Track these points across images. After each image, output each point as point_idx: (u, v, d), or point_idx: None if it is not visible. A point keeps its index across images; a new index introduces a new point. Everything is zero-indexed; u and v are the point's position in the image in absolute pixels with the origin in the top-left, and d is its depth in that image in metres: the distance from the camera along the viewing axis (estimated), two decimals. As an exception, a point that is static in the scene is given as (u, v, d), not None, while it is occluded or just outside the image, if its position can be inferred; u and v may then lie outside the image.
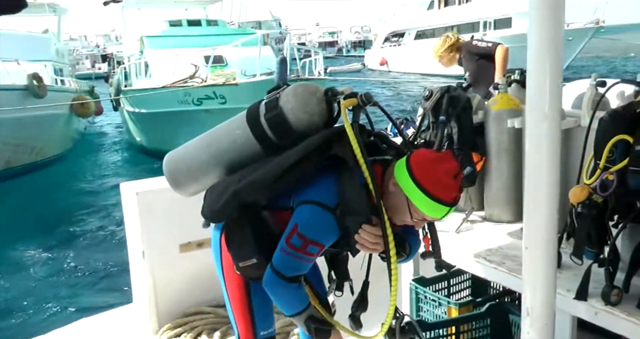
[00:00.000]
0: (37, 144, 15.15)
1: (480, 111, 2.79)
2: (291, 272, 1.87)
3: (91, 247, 9.61)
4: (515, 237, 2.53)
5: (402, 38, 47.12)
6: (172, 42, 17.02)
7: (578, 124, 2.38)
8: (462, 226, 2.72)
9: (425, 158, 1.83)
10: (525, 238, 1.76)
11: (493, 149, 2.72)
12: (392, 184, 1.85)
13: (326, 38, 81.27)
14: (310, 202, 1.87)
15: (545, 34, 1.62)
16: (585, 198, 1.93)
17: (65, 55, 23.92)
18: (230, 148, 2.03)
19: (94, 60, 58.37)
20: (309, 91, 1.97)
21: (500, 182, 2.73)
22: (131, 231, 3.29)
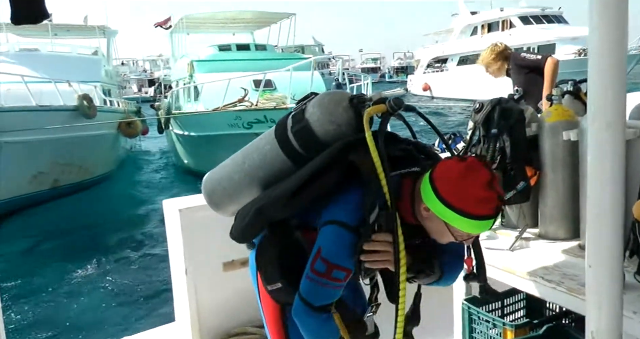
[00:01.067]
0: (85, 164, 15.43)
1: (533, 123, 2.69)
2: (319, 300, 1.76)
3: (136, 265, 9.71)
4: (572, 255, 2.43)
5: (445, 64, 47.27)
6: (221, 66, 17.29)
7: (638, 135, 2.24)
8: (516, 243, 2.62)
9: (449, 174, 1.66)
10: (588, 256, 1.66)
11: (548, 163, 2.62)
12: (423, 210, 1.71)
13: (369, 64, 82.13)
14: (332, 222, 1.75)
15: (608, 39, 1.55)
16: None
17: (114, 76, 24.64)
18: (261, 165, 1.96)
19: (140, 84, 60.16)
20: (334, 100, 1.87)
21: (555, 197, 2.62)
22: (174, 249, 3.27)
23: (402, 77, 68.18)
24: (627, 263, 1.97)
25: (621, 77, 1.57)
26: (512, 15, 39.58)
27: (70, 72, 16.81)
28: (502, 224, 2.86)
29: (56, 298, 8.49)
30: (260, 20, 23.17)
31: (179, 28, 21.95)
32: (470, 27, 44.26)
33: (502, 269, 2.47)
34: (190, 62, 18.73)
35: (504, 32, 39.50)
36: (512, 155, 2.57)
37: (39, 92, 13.31)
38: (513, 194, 2.57)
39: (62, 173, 14.57)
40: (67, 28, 23.92)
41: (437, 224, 1.70)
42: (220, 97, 14.27)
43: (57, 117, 13.29)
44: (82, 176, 15.47)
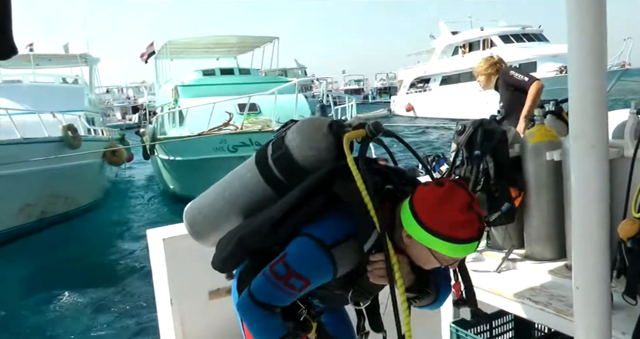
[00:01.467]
0: (71, 194, 15.32)
1: (516, 144, 2.71)
2: (264, 298, 1.74)
3: (121, 295, 9.58)
4: (560, 275, 2.42)
5: (427, 84, 47.74)
6: (205, 90, 17.29)
7: (621, 155, 2.26)
8: (502, 265, 2.61)
9: (427, 199, 1.65)
10: (575, 278, 1.66)
11: (532, 184, 2.62)
12: (405, 237, 1.70)
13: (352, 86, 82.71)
14: (306, 235, 1.74)
15: (588, 59, 1.56)
16: (636, 233, 1.83)
17: (97, 104, 24.57)
18: (243, 193, 1.95)
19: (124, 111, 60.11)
20: (314, 126, 1.86)
21: (540, 218, 2.62)
22: (158, 278, 3.23)
23: (385, 97, 68.66)
24: (615, 283, 1.96)
25: (602, 97, 1.58)
26: (492, 34, 40.13)
27: (54, 102, 16.76)
28: (488, 245, 2.85)
29: (40, 328, 8.37)
30: (244, 45, 23.27)
31: (163, 54, 21.96)
32: (451, 47, 44.80)
33: (490, 291, 2.46)
34: (175, 87, 18.74)
35: (485, 51, 39.94)
36: (495, 176, 2.57)
37: (23, 124, 13.23)
38: (498, 215, 2.57)
39: (49, 204, 14.45)
40: (48, 57, 23.89)
41: (420, 251, 1.69)
42: (205, 122, 14.26)
43: (43, 149, 13.20)
44: (69, 206, 15.35)
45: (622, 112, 2.52)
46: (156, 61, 23.38)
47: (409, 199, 1.69)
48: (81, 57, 23.72)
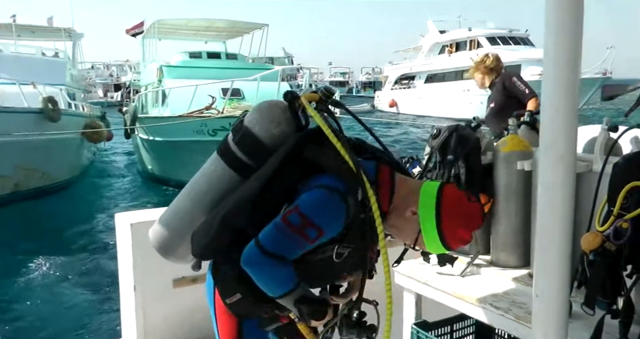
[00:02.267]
0: (47, 169, 15.15)
1: (489, 151, 2.74)
2: (276, 249, 1.68)
3: (86, 277, 9.48)
4: (522, 283, 2.46)
5: (412, 81, 47.88)
6: (190, 73, 17.25)
7: (590, 169, 2.33)
8: (467, 269, 2.64)
9: (458, 210, 1.77)
10: (536, 286, 1.68)
11: (501, 191, 2.65)
12: (410, 212, 1.77)
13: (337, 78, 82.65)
14: (318, 186, 1.72)
15: (561, 73, 1.58)
16: (598, 246, 1.85)
17: (79, 80, 24.31)
18: (209, 188, 1.93)
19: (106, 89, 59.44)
20: (271, 103, 1.91)
21: (508, 225, 2.65)
22: (123, 264, 3.20)
23: (369, 92, 68.90)
24: (575, 294, 2.01)
25: (573, 110, 1.59)
26: (479, 35, 40.41)
27: (35, 74, 16.48)
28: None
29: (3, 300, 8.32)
30: (233, 30, 23.13)
31: (151, 33, 21.75)
32: (438, 45, 45.03)
33: (452, 294, 2.49)
34: (160, 67, 18.66)
35: (471, 51, 40.20)
36: (466, 182, 2.59)
37: (1, 93, 13.03)
38: (466, 220, 2.59)
39: (25, 177, 14.29)
40: (31, 29, 23.57)
41: (410, 227, 1.78)
42: (187, 104, 14.24)
43: (21, 120, 13.04)
44: (45, 181, 15.17)
45: (595, 127, 2.57)
46: (143, 40, 23.17)
47: (438, 189, 1.78)
48: (65, 31, 23.43)
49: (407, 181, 1.86)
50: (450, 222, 1.74)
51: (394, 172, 1.84)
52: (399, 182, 1.82)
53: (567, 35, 1.55)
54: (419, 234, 1.77)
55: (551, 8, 1.57)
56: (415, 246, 1.82)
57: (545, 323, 1.67)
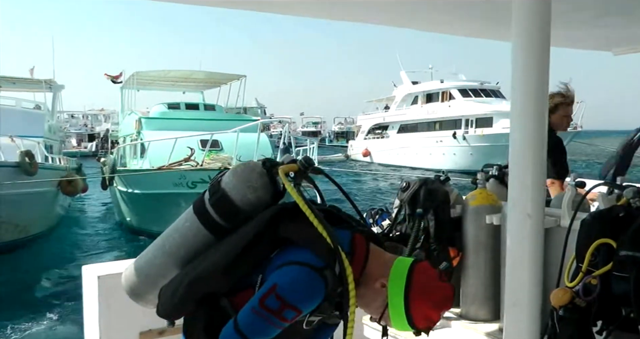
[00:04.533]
0: (22, 222, 14.95)
1: (458, 205, 2.78)
2: (257, 335, 1.67)
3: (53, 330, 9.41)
4: (492, 337, 2.47)
5: (385, 131, 48.25)
6: (169, 124, 17.37)
7: (558, 224, 2.33)
8: (436, 323, 2.69)
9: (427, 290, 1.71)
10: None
11: (470, 245, 2.70)
12: (379, 284, 1.74)
13: (309, 128, 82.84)
14: (295, 263, 1.69)
15: (528, 131, 1.67)
16: (568, 302, 1.86)
17: (57, 131, 24.16)
18: (183, 243, 1.92)
19: (80, 138, 58.82)
20: (248, 167, 1.89)
21: (477, 278, 2.68)
22: (89, 315, 3.14)
23: (342, 142, 68.94)
24: None
25: (541, 168, 1.69)
26: (451, 87, 41.04)
27: (14, 126, 16.45)
28: (423, 303, 2.91)
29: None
30: (211, 81, 23.39)
31: (130, 84, 21.88)
32: (411, 96, 45.48)
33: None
34: (139, 119, 18.70)
35: (443, 103, 40.85)
36: (435, 235, 2.63)
37: None
38: (435, 274, 2.65)
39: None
40: (12, 81, 23.50)
41: (378, 300, 1.74)
42: (166, 156, 14.21)
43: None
44: (19, 234, 14.94)
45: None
46: (122, 90, 23.27)
47: (411, 266, 1.75)
48: (46, 82, 23.40)
49: (380, 252, 1.84)
50: (419, 301, 1.68)
51: (368, 242, 1.82)
52: (373, 253, 1.80)
53: (534, 89, 1.66)
54: (386, 308, 1.73)
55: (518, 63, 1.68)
56: (380, 320, 1.78)
57: (516, 378, 1.69)
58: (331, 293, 1.70)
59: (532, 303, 1.72)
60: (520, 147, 1.70)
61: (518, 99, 1.69)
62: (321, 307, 1.73)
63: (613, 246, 1.85)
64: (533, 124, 1.67)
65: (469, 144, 36.70)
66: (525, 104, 1.68)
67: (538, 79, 1.68)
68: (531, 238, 1.72)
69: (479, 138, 35.91)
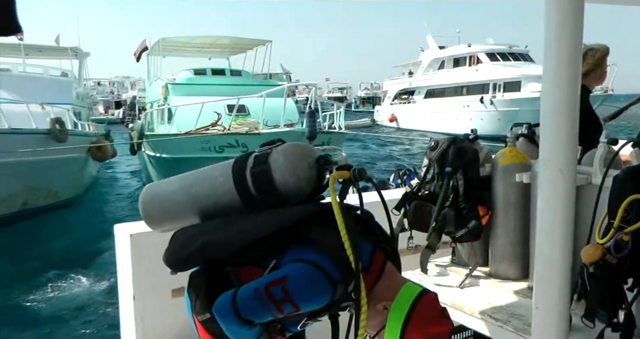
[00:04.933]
0: (53, 187, 15.22)
1: (487, 164, 2.75)
2: (250, 315, 1.68)
3: (87, 289, 9.63)
4: (521, 295, 2.47)
5: (412, 96, 47.90)
6: (196, 89, 17.44)
7: (589, 182, 2.33)
8: (465, 281, 2.66)
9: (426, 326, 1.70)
10: (535, 298, 1.71)
11: (500, 204, 2.66)
12: (382, 306, 1.74)
13: (335, 93, 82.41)
14: (313, 263, 1.68)
15: (561, 87, 1.60)
16: (599, 258, 1.83)
17: (85, 98, 24.39)
18: (209, 195, 1.91)
19: (107, 106, 59.49)
20: (301, 154, 1.85)
21: (506, 237, 2.65)
22: (123, 274, 3.16)
23: (368, 107, 68.81)
24: (575, 306, 1.98)
25: (574, 124, 1.61)
26: (479, 51, 40.42)
27: (43, 93, 16.69)
28: (452, 261, 2.89)
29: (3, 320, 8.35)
30: (237, 46, 23.28)
31: (155, 50, 21.96)
32: (438, 60, 45.08)
33: (451, 305, 2.49)
34: (165, 85, 18.82)
35: (470, 67, 40.28)
36: (465, 194, 2.60)
37: (10, 113, 13.09)
38: (464, 232, 2.60)
39: (31, 196, 14.35)
40: (39, 49, 23.76)
41: (378, 319, 1.74)
42: (193, 121, 14.32)
43: (29, 141, 13.09)
44: (51, 200, 15.23)
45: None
46: (148, 58, 23.34)
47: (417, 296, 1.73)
48: (72, 50, 23.60)
49: (393, 274, 1.82)
50: (415, 333, 1.68)
51: (385, 261, 1.81)
52: (386, 274, 1.79)
53: (567, 49, 1.58)
54: (383, 329, 1.72)
55: (551, 24, 1.60)
56: (375, 337, 1.78)
57: (545, 335, 1.68)
58: (334, 304, 1.71)
59: (562, 261, 1.66)
60: (552, 104, 1.62)
61: (551, 54, 1.60)
62: (318, 313, 1.75)
63: None
64: (566, 81, 1.60)
65: (496, 109, 36.22)
66: (559, 58, 1.59)
67: (571, 35, 1.59)
68: (563, 195, 1.63)
69: (507, 102, 35.38)
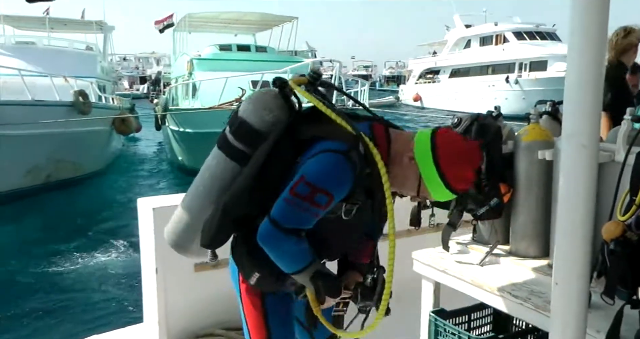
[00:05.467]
0: (78, 160, 15.39)
1: (510, 141, 2.72)
2: (291, 223, 1.72)
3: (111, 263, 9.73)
4: (541, 273, 2.45)
5: (437, 75, 47.48)
6: (221, 65, 17.38)
7: (612, 159, 2.29)
8: (486, 259, 2.64)
9: (455, 148, 1.78)
10: (555, 274, 1.69)
11: (522, 181, 2.63)
12: (407, 158, 1.79)
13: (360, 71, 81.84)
14: (318, 152, 1.75)
15: (586, 59, 1.57)
16: (619, 235, 1.81)
17: (109, 73, 24.53)
18: (213, 182, 1.97)
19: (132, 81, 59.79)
20: (262, 92, 1.99)
21: (528, 215, 2.63)
22: (146, 248, 3.22)
23: (393, 86, 68.19)
24: (595, 283, 1.95)
25: (597, 99, 1.59)
26: (505, 30, 39.79)
27: (67, 66, 16.79)
28: (473, 239, 2.87)
29: (27, 290, 8.48)
30: (263, 23, 23.17)
31: (182, 26, 21.94)
32: (464, 40, 44.46)
33: (471, 283, 2.49)
34: (190, 60, 18.83)
35: (497, 46, 39.70)
36: (487, 171, 2.57)
37: (33, 85, 13.20)
38: (486, 209, 2.58)
39: (56, 169, 14.53)
40: (64, 22, 23.90)
41: (410, 174, 1.79)
42: (217, 96, 14.29)
43: (53, 113, 13.17)
44: (75, 172, 15.42)
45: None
46: (174, 33, 23.38)
47: (432, 133, 1.80)
48: (97, 24, 23.73)
49: (400, 133, 1.90)
50: (449, 162, 1.74)
51: (387, 128, 1.88)
52: (394, 136, 1.86)
53: (592, 24, 1.55)
54: (420, 180, 1.78)
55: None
56: (419, 194, 1.83)
57: (565, 312, 1.67)
58: (360, 175, 1.74)
59: (583, 237, 1.64)
60: (576, 80, 1.59)
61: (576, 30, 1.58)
62: (354, 193, 1.77)
63: None
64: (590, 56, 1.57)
65: (521, 89, 35.70)
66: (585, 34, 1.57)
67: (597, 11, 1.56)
68: (585, 170, 1.61)
69: (532, 82, 34.84)
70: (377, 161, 1.72)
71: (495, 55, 39.25)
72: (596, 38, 1.56)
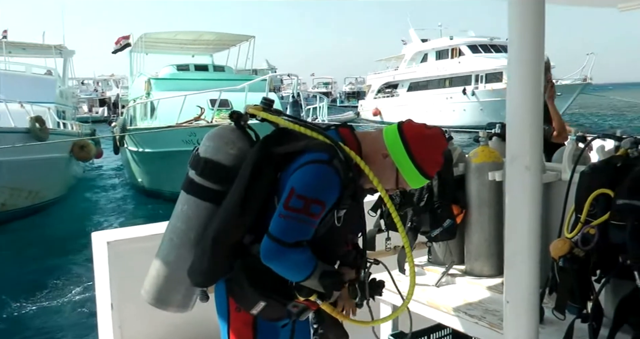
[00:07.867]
0: (34, 188, 14.96)
1: (460, 163, 2.79)
2: (293, 237, 1.75)
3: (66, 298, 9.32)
4: (496, 291, 2.50)
5: (395, 89, 47.86)
6: (179, 85, 17.17)
7: (559, 178, 2.38)
8: (442, 280, 2.69)
9: (423, 136, 1.89)
10: (506, 292, 1.73)
11: (474, 202, 2.70)
12: (381, 155, 1.88)
13: (320, 88, 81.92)
14: (301, 165, 1.80)
15: (526, 85, 1.63)
16: (567, 252, 1.92)
17: (69, 97, 24.00)
18: (189, 226, 1.97)
19: (91, 104, 58.79)
20: (218, 129, 2.03)
21: (481, 235, 2.69)
22: (100, 283, 3.12)
23: (354, 102, 68.38)
24: (547, 300, 2.05)
25: (538, 121, 1.64)
26: (461, 43, 40.46)
27: (24, 92, 16.39)
28: (429, 260, 2.92)
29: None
30: (220, 43, 23.01)
31: (138, 47, 21.59)
32: (420, 54, 44.92)
33: (428, 304, 2.53)
34: (148, 80, 18.61)
35: (453, 59, 40.31)
36: (439, 193, 2.63)
37: None
38: (440, 231, 2.64)
39: (11, 197, 14.12)
40: (22, 46, 23.42)
41: (387, 169, 1.88)
42: (176, 115, 14.12)
43: (8, 139, 12.80)
44: (32, 200, 14.98)
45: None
46: (131, 54, 23.01)
47: (397, 127, 1.90)
48: (56, 48, 23.25)
49: (367, 133, 2.01)
50: (421, 150, 1.85)
51: (352, 129, 1.96)
52: (361, 136, 1.94)
53: (530, 49, 1.62)
54: (397, 172, 1.87)
55: (514, 25, 1.63)
56: (397, 186, 1.91)
57: (516, 328, 1.71)
58: (345, 181, 1.80)
59: (531, 255, 1.68)
60: (517, 102, 1.66)
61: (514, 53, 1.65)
62: (342, 199, 1.83)
63: (611, 196, 1.88)
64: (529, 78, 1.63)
65: (478, 100, 36.36)
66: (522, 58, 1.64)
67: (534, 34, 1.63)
68: (530, 191, 1.66)
69: (489, 93, 35.54)
70: (358, 162, 1.82)
71: (452, 68, 39.82)
72: (533, 64, 1.62)
